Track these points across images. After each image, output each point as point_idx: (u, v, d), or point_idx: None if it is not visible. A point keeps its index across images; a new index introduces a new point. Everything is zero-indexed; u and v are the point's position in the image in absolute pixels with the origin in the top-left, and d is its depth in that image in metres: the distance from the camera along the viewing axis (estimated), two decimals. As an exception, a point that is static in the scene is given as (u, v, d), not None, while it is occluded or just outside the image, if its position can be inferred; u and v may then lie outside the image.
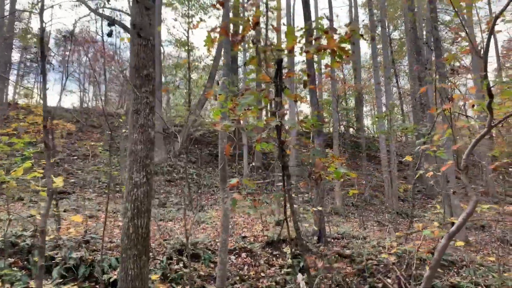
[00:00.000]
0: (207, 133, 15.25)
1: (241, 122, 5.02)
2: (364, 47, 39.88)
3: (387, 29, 21.95)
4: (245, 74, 4.43)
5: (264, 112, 15.09)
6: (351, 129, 20.63)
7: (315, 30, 3.55)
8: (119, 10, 19.87)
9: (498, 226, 12.50)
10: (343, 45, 3.91)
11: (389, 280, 6.84)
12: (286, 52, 3.98)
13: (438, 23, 19.11)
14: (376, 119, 14.04)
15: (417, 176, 3.75)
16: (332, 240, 8.22)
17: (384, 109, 16.19)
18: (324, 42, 3.69)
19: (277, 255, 7.07)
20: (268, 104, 3.73)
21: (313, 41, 4.02)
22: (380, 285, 6.77)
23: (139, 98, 3.35)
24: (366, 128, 20.50)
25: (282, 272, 6.49)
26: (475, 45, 3.58)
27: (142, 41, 3.39)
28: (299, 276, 6.33)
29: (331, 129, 21.13)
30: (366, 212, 13.62)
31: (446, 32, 25.06)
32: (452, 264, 8.09)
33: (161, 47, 20.14)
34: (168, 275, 5.39)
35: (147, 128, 3.30)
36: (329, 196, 14.51)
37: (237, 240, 7.11)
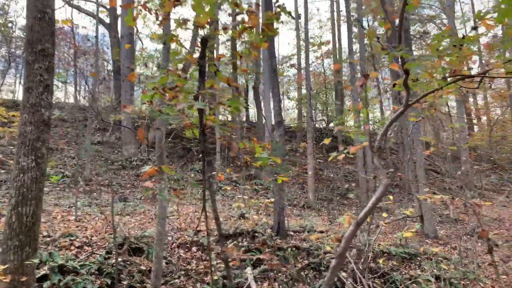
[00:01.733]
0: (179, 126, 14.94)
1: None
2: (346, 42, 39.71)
3: (368, 23, 21.76)
4: (171, 54, 4.16)
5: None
6: (331, 124, 20.47)
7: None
8: (90, 1, 19.38)
9: (470, 220, 12.43)
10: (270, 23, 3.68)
11: (344, 274, 6.65)
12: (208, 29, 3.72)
13: (415, 16, 19.01)
14: (348, 111, 13.89)
15: (330, 158, 3.52)
16: (293, 233, 8.01)
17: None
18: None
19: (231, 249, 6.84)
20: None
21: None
22: (335, 278, 6.58)
23: (31, 75, 3.06)
24: (345, 122, 20.28)
25: (234, 266, 6.26)
26: (394, 17, 3.36)
27: (37, 13, 3.09)
28: (248, 269, 6.12)
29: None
30: (340, 206, 13.47)
31: (434, 27, 24.85)
32: (414, 257, 7.94)
33: (140, 41, 19.71)
34: (104, 269, 5.12)
35: (39, 108, 3.02)
36: (303, 190, 14.34)
37: (189, 234, 6.85)
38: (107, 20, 18.25)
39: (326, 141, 3.19)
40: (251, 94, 20.63)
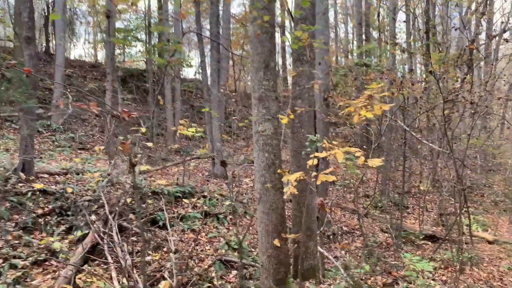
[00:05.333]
0: None
1: None
2: None
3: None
4: None
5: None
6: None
7: None
8: None
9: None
10: None
11: (94, 217, 5.91)
12: None
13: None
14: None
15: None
16: (47, 176, 6.79)
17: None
18: None
19: None
20: None
21: None
22: (83, 223, 5.78)
23: None
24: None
25: None
26: None
27: None
28: None
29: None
30: (144, 149, 12.69)
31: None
32: (190, 196, 7.82)
33: None
34: None
35: None
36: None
37: None
38: None
39: None
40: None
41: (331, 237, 8.07)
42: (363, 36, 15.62)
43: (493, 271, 5.75)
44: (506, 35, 16.13)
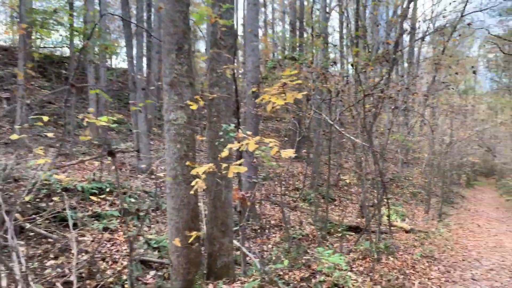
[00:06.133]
0: None
1: None
2: None
3: None
4: None
5: None
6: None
7: None
8: None
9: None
10: None
11: (-15, 218, 5.15)
12: None
13: None
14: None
15: None
16: None
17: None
18: None
19: None
20: None
21: None
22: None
23: None
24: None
25: None
26: None
27: None
28: None
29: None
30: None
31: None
32: (108, 193, 7.24)
33: None
34: None
35: None
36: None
37: None
38: None
39: None
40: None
41: (258, 231, 7.97)
42: (297, 32, 15.88)
43: (407, 259, 6.01)
44: (427, 39, 17.31)
